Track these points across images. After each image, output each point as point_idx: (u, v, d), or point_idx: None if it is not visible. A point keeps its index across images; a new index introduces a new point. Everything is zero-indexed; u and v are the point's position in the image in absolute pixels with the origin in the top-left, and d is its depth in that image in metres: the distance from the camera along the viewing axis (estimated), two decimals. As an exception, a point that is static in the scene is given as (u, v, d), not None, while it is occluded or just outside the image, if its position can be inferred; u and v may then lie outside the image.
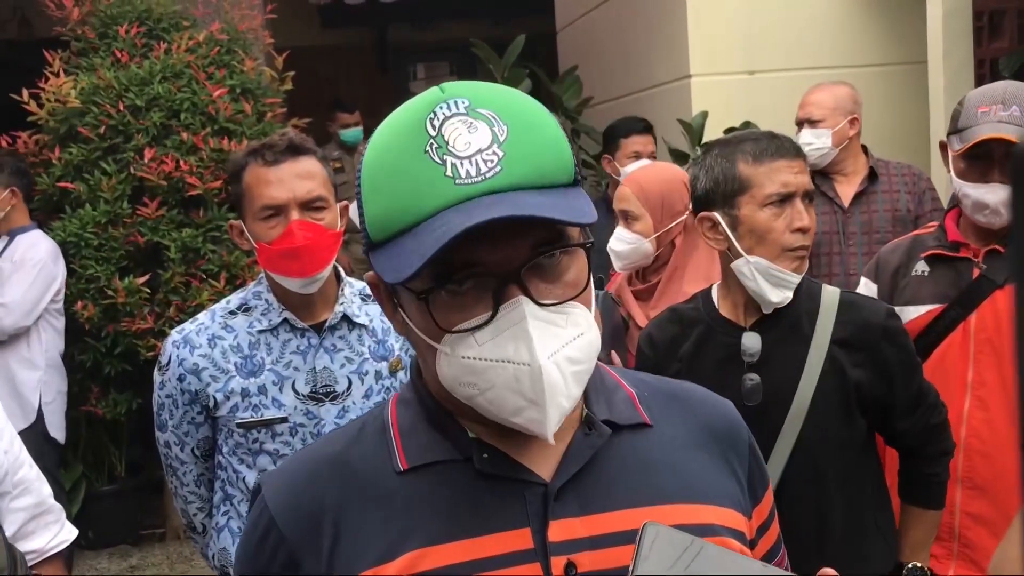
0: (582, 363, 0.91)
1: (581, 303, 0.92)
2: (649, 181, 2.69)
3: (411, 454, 0.97)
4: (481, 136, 0.88)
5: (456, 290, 0.89)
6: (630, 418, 1.01)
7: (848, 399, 1.88)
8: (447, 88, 0.92)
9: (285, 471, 1.03)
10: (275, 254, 1.97)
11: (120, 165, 4.43)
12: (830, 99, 3.58)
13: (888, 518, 2.00)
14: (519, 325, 0.88)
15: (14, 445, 1.92)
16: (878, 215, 3.54)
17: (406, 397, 1.02)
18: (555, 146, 0.91)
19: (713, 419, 1.07)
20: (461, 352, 0.90)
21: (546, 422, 0.89)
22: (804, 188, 1.87)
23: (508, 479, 0.95)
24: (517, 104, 0.93)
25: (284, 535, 0.96)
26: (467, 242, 0.85)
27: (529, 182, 0.88)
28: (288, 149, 1.98)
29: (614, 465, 0.98)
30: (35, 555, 1.95)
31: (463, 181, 0.87)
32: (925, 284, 2.27)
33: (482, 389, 0.90)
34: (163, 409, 2.09)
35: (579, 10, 6.38)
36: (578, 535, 0.93)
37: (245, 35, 4.94)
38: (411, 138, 0.89)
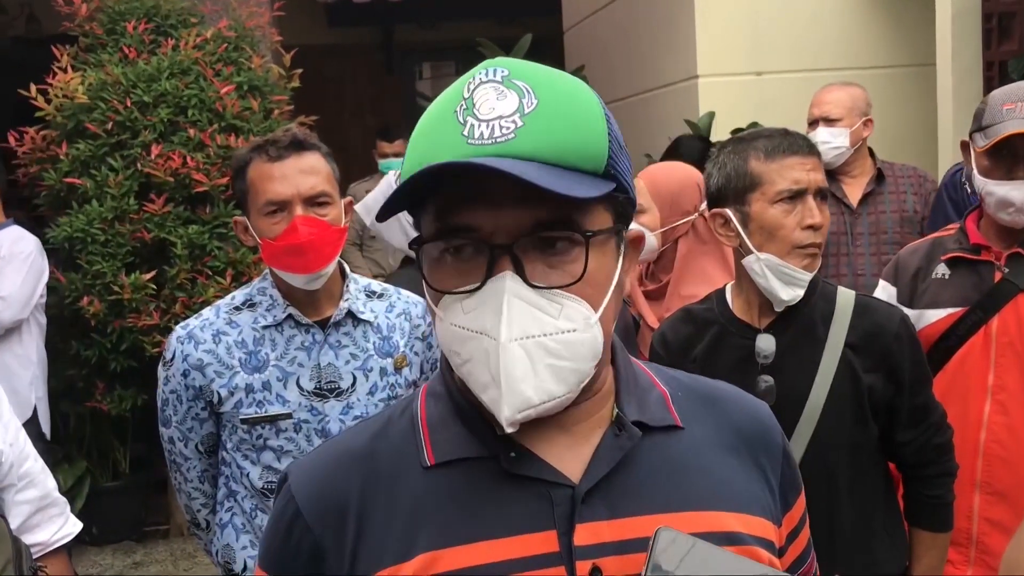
0: (565, 360, 0.88)
1: (585, 299, 0.89)
2: (663, 177, 2.72)
3: (439, 450, 0.96)
4: (507, 104, 0.88)
5: (452, 251, 0.90)
6: (662, 419, 0.99)
7: (861, 402, 1.87)
8: (497, 60, 0.93)
9: (312, 462, 1.01)
10: (279, 250, 1.96)
11: (127, 161, 4.43)
12: (848, 99, 3.58)
13: (897, 521, 1.98)
14: (497, 299, 0.87)
15: (19, 438, 1.92)
16: (885, 216, 3.54)
17: (436, 390, 1.01)
18: (585, 130, 0.90)
19: (746, 422, 1.04)
20: (451, 318, 0.90)
21: (501, 405, 0.87)
22: (816, 185, 1.86)
23: (535, 480, 0.93)
24: (559, 83, 0.92)
25: (310, 526, 0.95)
26: (470, 205, 0.87)
27: (543, 156, 0.87)
28: (292, 145, 1.98)
29: (644, 468, 0.96)
30: (40, 548, 1.95)
31: (475, 141, 0.87)
32: (946, 287, 2.24)
33: (463, 359, 0.90)
34: (167, 405, 2.09)
35: (586, 10, 6.38)
36: (605, 539, 0.91)
37: (252, 32, 4.95)
38: (450, 99, 0.91)
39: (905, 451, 1.94)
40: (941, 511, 1.98)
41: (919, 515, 1.98)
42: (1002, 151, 2.10)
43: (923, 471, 1.96)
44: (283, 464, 2.03)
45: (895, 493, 2.01)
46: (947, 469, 1.97)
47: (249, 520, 2.09)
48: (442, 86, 0.96)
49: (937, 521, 1.98)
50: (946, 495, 1.97)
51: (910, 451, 1.94)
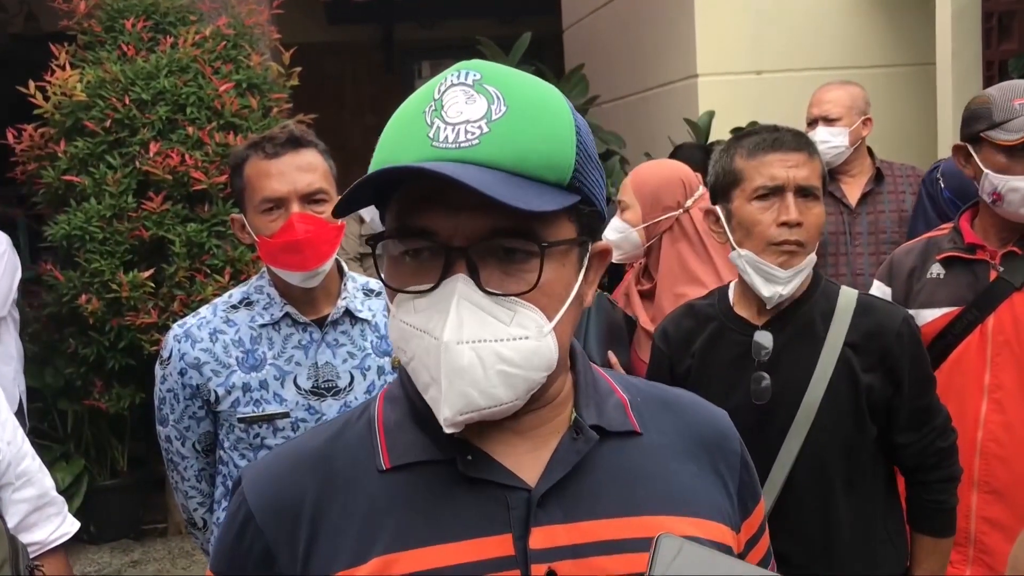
0: (517, 367, 0.88)
1: (540, 308, 0.89)
2: (647, 173, 2.74)
3: (394, 453, 0.95)
4: (476, 109, 0.88)
5: (410, 252, 0.90)
6: (620, 425, 0.99)
7: (859, 403, 1.86)
8: (471, 62, 0.93)
9: (266, 464, 1.01)
10: (275, 247, 1.95)
11: (125, 159, 4.42)
12: (847, 98, 3.58)
13: (898, 524, 1.97)
14: (447, 300, 0.87)
15: (16, 436, 1.91)
16: (884, 216, 3.54)
17: (394, 393, 1.01)
18: (552, 141, 0.89)
19: (705, 429, 1.05)
20: (401, 315, 0.91)
21: (441, 405, 0.87)
22: (796, 183, 1.84)
23: (491, 483, 0.93)
24: (530, 91, 0.91)
25: (262, 530, 0.95)
26: (429, 208, 0.88)
27: (506, 164, 0.87)
28: (289, 142, 1.97)
29: (600, 472, 0.96)
30: (37, 547, 1.94)
31: (439, 144, 0.87)
32: (941, 287, 2.24)
33: (409, 357, 0.91)
34: (164, 403, 2.08)
35: (585, 9, 6.37)
36: (560, 543, 0.91)
37: (252, 30, 4.94)
38: (421, 99, 0.91)
39: (905, 454, 1.93)
40: (943, 516, 1.96)
41: (921, 519, 1.97)
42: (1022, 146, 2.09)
43: (925, 475, 1.94)
44: None
45: (897, 495, 2.00)
46: (950, 474, 1.95)
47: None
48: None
49: (939, 526, 1.96)
50: (948, 500, 1.96)
51: (910, 454, 1.92)
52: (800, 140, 1.89)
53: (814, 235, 1.86)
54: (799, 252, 1.85)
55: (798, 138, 1.90)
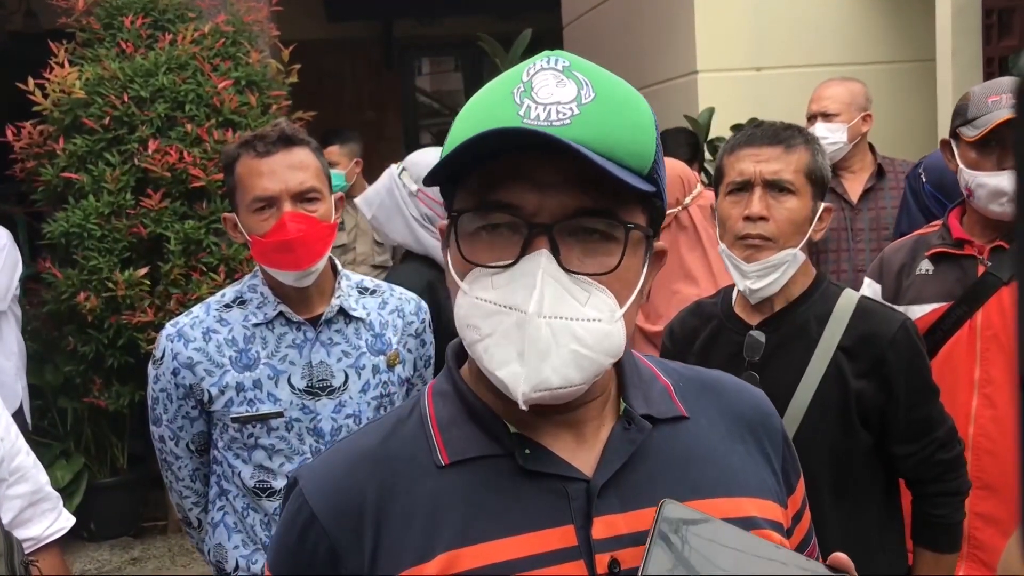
0: (588, 348, 0.88)
1: (613, 293, 0.90)
2: None
3: (452, 448, 0.95)
4: (566, 92, 0.89)
5: (490, 227, 0.90)
6: (668, 411, 1.00)
7: (848, 408, 1.83)
8: (557, 51, 0.95)
9: (324, 465, 1.00)
10: (268, 247, 1.94)
11: (124, 156, 4.42)
12: (846, 94, 3.57)
13: (896, 537, 1.93)
14: (531, 275, 0.87)
15: (10, 432, 1.91)
16: (886, 212, 3.53)
17: (443, 388, 1.01)
18: (637, 130, 0.91)
19: (747, 409, 1.06)
20: (477, 292, 0.90)
21: (520, 380, 0.87)
22: (763, 176, 1.83)
23: (550, 475, 0.93)
24: (616, 83, 0.94)
25: (327, 530, 0.94)
26: (514, 183, 0.88)
27: (592, 145, 0.87)
28: (280, 140, 1.95)
29: (654, 460, 0.97)
30: (32, 543, 1.94)
31: (530, 121, 0.87)
32: (930, 282, 2.25)
33: (483, 335, 0.89)
34: (157, 403, 2.07)
35: (585, 5, 6.36)
36: (621, 532, 0.92)
37: (250, 27, 4.93)
38: (507, 82, 0.92)
39: (904, 465, 1.88)
40: (945, 531, 1.90)
41: (921, 533, 1.92)
42: (991, 142, 2.11)
43: (925, 488, 1.90)
44: (274, 463, 2.02)
45: (898, 507, 1.96)
46: (952, 488, 1.89)
47: (241, 519, 2.07)
48: (442, 81, 0.96)
49: (939, 541, 1.90)
50: (951, 515, 1.89)
51: (909, 466, 1.88)
52: (780, 134, 1.87)
53: (786, 230, 1.84)
54: (765, 246, 1.84)
55: (779, 132, 1.88)
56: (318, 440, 2.02)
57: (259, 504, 2.05)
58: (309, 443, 2.02)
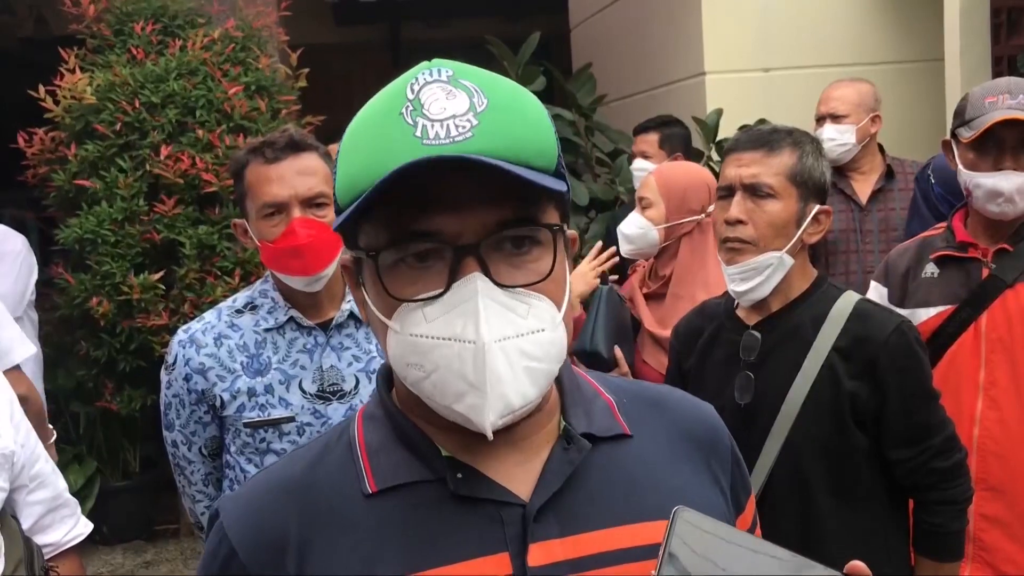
0: (539, 361, 0.86)
1: (548, 297, 0.87)
2: (673, 173, 2.75)
3: (380, 475, 0.91)
4: (458, 103, 0.85)
5: (411, 258, 0.86)
6: (609, 429, 0.97)
7: (841, 409, 1.83)
8: (435, 60, 0.90)
9: (244, 496, 0.96)
10: (277, 252, 1.95)
11: (136, 162, 4.45)
12: (855, 95, 3.57)
13: (899, 540, 1.92)
14: (470, 301, 0.83)
15: (30, 439, 1.93)
16: (895, 213, 3.53)
17: (373, 412, 0.97)
18: (536, 127, 0.88)
19: (694, 425, 1.02)
20: (409, 328, 0.86)
21: (485, 409, 0.83)
22: (743, 181, 1.86)
23: (484, 500, 0.89)
24: (503, 84, 0.90)
25: (245, 564, 0.90)
26: (427, 209, 0.84)
27: (501, 155, 0.84)
28: (288, 146, 1.96)
29: (594, 481, 0.93)
30: (51, 548, 1.96)
31: (430, 141, 0.83)
32: (935, 286, 2.25)
33: (427, 371, 0.85)
34: (170, 408, 2.09)
35: (593, 7, 6.37)
36: (559, 558, 0.89)
37: (260, 32, 4.95)
38: (391, 101, 0.88)
39: (899, 471, 1.87)
40: (943, 540, 1.88)
41: (919, 541, 1.91)
42: (987, 143, 2.11)
43: (922, 495, 1.88)
44: None
45: (902, 509, 1.94)
46: (949, 496, 1.87)
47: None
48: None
49: (938, 549, 1.89)
50: (948, 523, 1.87)
51: (904, 471, 1.87)
52: (764, 138, 1.88)
53: (766, 233, 1.85)
54: (744, 249, 1.87)
55: (763, 136, 1.89)
56: None
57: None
58: None
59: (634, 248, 2.68)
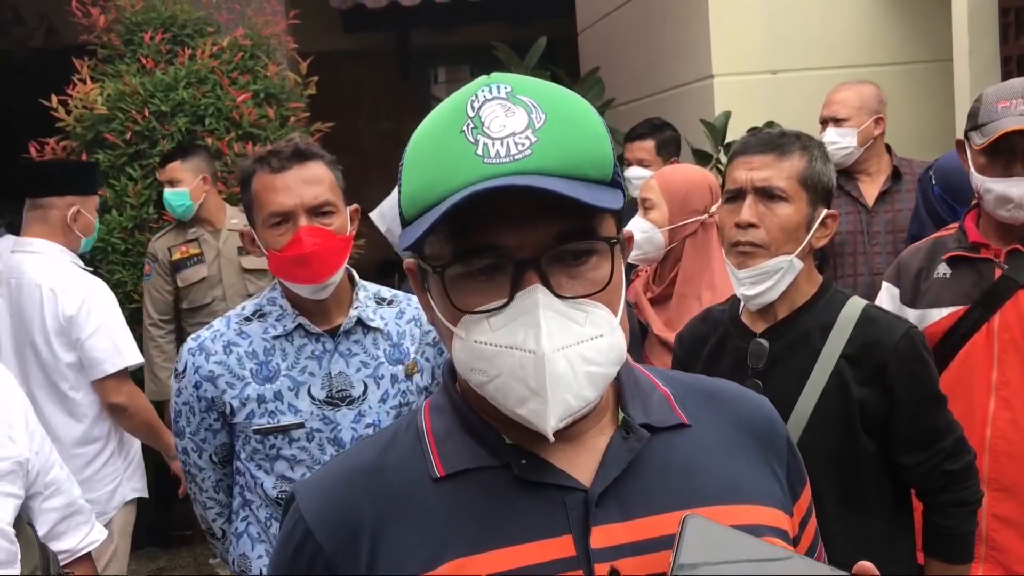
0: (599, 365, 0.90)
1: (605, 304, 0.91)
2: (675, 175, 2.75)
3: (448, 461, 0.96)
4: (517, 120, 0.89)
5: (475, 271, 0.89)
6: (667, 419, 1.00)
7: (851, 416, 1.82)
8: (494, 75, 0.93)
9: (319, 480, 1.01)
10: (285, 261, 1.97)
11: (146, 171, 4.47)
12: (856, 98, 3.57)
13: (906, 546, 1.92)
14: (532, 313, 0.87)
15: (44, 446, 1.94)
16: (903, 214, 3.53)
17: (439, 403, 1.01)
18: (593, 141, 0.91)
19: (750, 416, 1.06)
20: (475, 336, 0.90)
21: (546, 414, 0.88)
22: (754, 184, 1.85)
23: (548, 485, 0.93)
24: (560, 96, 0.93)
25: (321, 545, 0.94)
26: (489, 223, 0.87)
27: (559, 170, 0.87)
28: (294, 155, 1.98)
29: (654, 468, 0.97)
30: (66, 555, 1.98)
31: (491, 160, 0.87)
32: (947, 286, 2.24)
33: (491, 376, 0.90)
34: (180, 416, 2.10)
35: (600, 11, 6.38)
36: (620, 541, 0.92)
37: (268, 40, 4.98)
38: (452, 118, 0.91)
39: (911, 475, 1.87)
40: (954, 542, 1.89)
41: (930, 543, 1.91)
42: (999, 148, 2.11)
43: (933, 498, 1.89)
44: (296, 473, 2.04)
45: (908, 515, 1.94)
46: (961, 498, 1.88)
47: (264, 529, 2.10)
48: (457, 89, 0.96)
49: (949, 551, 1.89)
50: (959, 526, 1.88)
51: (916, 475, 1.87)
52: (774, 141, 1.88)
53: (777, 236, 1.85)
54: (755, 253, 1.85)
55: (774, 139, 1.89)
56: (339, 450, 2.04)
57: (281, 514, 2.07)
58: (330, 453, 2.04)
59: (639, 253, 2.68)
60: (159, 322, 4.19)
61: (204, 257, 4.12)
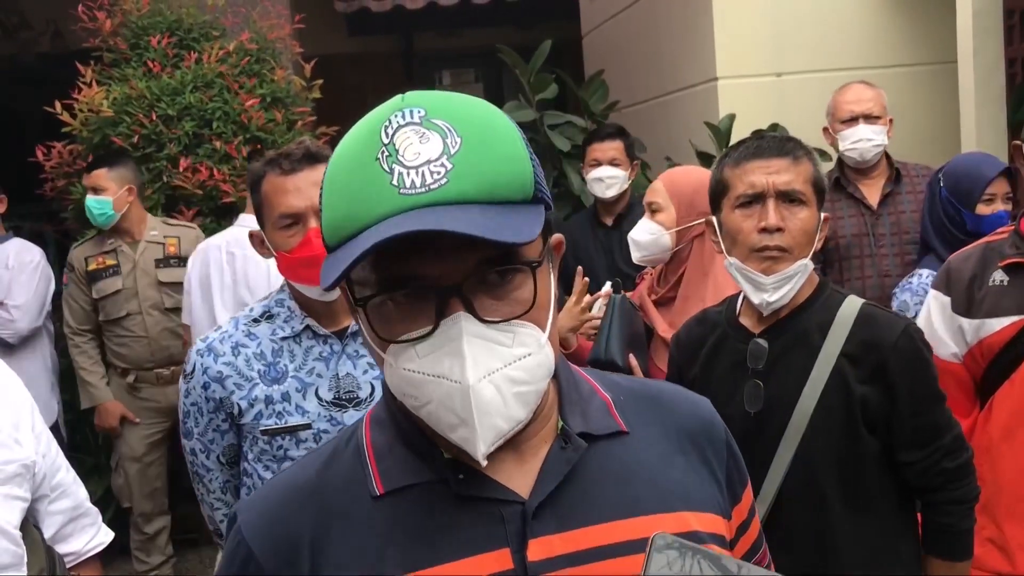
0: (527, 384, 0.90)
1: (533, 322, 0.90)
2: (681, 177, 2.75)
3: (387, 478, 0.96)
4: (432, 147, 0.87)
5: (400, 300, 0.89)
6: (606, 427, 1.00)
7: (852, 415, 1.83)
8: (407, 97, 0.91)
9: (260, 500, 1.01)
10: (294, 262, 1.99)
11: (153, 174, 4.49)
12: (881, 97, 3.62)
13: (909, 545, 1.92)
14: (456, 342, 0.87)
15: (51, 449, 1.95)
16: (906, 216, 3.53)
17: (380, 416, 1.01)
18: (511, 161, 0.90)
19: (689, 419, 1.06)
20: (403, 363, 0.90)
21: (476, 442, 0.88)
22: (776, 188, 1.84)
23: (485, 499, 0.94)
24: (476, 116, 0.91)
25: (263, 565, 0.95)
26: (411, 254, 0.86)
27: (477, 196, 0.87)
28: (305, 157, 2.00)
29: (591, 478, 0.97)
30: (73, 557, 1.98)
31: (407, 191, 0.86)
32: (1006, 294, 2.13)
33: (422, 402, 0.90)
34: (188, 417, 2.12)
35: (605, 14, 6.39)
36: (557, 552, 0.92)
37: (274, 44, 4.99)
38: (366, 144, 0.89)
39: (909, 472, 1.88)
40: (954, 539, 1.90)
41: (930, 541, 1.91)
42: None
43: (932, 496, 1.89)
44: None
45: (911, 514, 1.94)
46: (959, 496, 1.88)
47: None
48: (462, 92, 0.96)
49: (949, 549, 1.90)
50: (958, 523, 1.89)
51: (915, 473, 1.87)
52: (785, 146, 1.88)
53: (800, 240, 1.85)
54: (782, 258, 1.85)
55: (783, 144, 1.89)
56: None
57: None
58: None
59: (646, 255, 2.68)
60: (79, 331, 4.20)
61: (120, 268, 4.09)
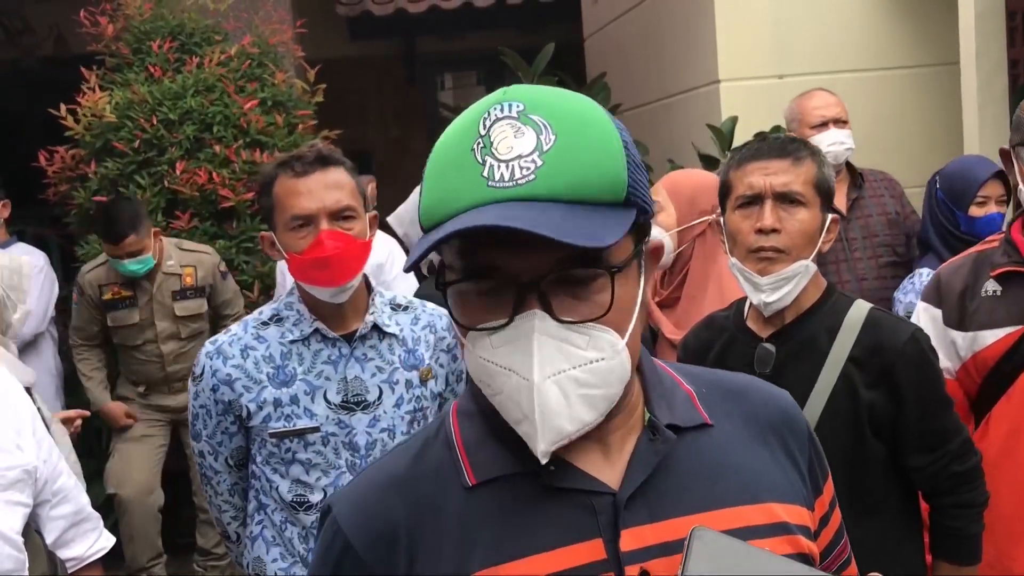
0: (595, 387, 0.90)
1: (611, 326, 0.90)
2: (680, 178, 2.76)
3: (478, 469, 0.97)
4: (525, 142, 0.88)
5: (482, 289, 0.90)
6: (692, 419, 1.01)
7: (859, 419, 1.82)
8: (509, 90, 0.93)
9: (355, 491, 1.01)
10: (305, 264, 1.99)
11: (154, 178, 4.49)
12: (843, 102, 3.68)
13: (914, 549, 1.91)
14: (527, 338, 0.88)
15: (52, 454, 1.95)
16: (873, 219, 3.60)
17: (467, 408, 1.02)
18: (603, 163, 0.89)
19: (771, 411, 1.06)
20: (479, 351, 0.91)
21: (537, 440, 0.89)
22: (774, 189, 1.84)
23: (576, 491, 0.94)
24: (576, 115, 0.91)
25: (361, 557, 0.95)
26: (494, 246, 0.87)
27: (563, 195, 0.87)
28: (317, 160, 2.01)
29: (680, 469, 0.97)
30: (74, 562, 1.98)
31: (495, 184, 0.87)
32: (1000, 305, 2.05)
33: (494, 391, 0.92)
34: (197, 419, 2.12)
35: (607, 17, 6.39)
36: (649, 543, 0.93)
37: (276, 48, 5.00)
38: (465, 134, 0.91)
39: (918, 477, 1.87)
40: (962, 543, 1.89)
41: (938, 545, 1.91)
42: None
43: (940, 500, 1.89)
44: (311, 477, 2.06)
45: (916, 518, 1.93)
46: (968, 500, 1.88)
47: (279, 533, 2.11)
48: (465, 95, 0.97)
49: (958, 553, 1.89)
50: (967, 527, 1.88)
51: (923, 477, 1.87)
52: (787, 147, 1.88)
53: (798, 241, 1.84)
54: (778, 259, 1.84)
55: (786, 145, 1.88)
56: (354, 454, 2.06)
57: (296, 518, 2.09)
58: (345, 457, 2.06)
59: None
60: (85, 344, 4.19)
61: (137, 300, 4.02)
